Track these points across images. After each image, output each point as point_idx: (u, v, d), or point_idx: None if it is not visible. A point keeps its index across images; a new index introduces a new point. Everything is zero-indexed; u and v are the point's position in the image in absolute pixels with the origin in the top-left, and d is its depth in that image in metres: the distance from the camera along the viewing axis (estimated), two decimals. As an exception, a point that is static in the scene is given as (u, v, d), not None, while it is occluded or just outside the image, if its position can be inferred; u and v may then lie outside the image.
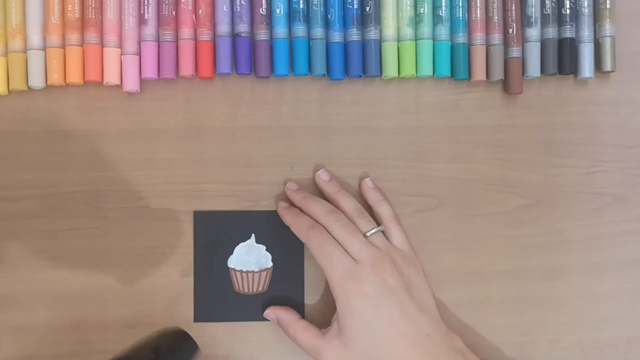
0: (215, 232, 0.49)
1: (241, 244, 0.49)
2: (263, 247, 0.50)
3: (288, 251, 0.50)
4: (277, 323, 0.49)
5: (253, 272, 0.49)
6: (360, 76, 0.51)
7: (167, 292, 0.50)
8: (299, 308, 0.50)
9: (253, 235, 0.49)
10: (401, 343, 0.43)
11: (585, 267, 0.52)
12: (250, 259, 0.49)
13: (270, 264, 0.50)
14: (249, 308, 0.50)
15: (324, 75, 0.50)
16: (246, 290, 0.49)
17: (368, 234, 0.46)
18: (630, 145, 0.52)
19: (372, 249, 0.45)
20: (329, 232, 0.46)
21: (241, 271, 0.49)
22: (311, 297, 0.50)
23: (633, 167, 0.52)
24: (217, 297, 0.49)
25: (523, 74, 0.51)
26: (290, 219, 0.48)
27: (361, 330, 0.44)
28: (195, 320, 0.49)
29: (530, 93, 0.52)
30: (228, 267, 0.49)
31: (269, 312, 0.49)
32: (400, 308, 0.44)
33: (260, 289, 0.50)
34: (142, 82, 0.50)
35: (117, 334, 0.49)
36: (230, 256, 0.49)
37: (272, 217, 0.49)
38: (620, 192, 0.52)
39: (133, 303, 0.49)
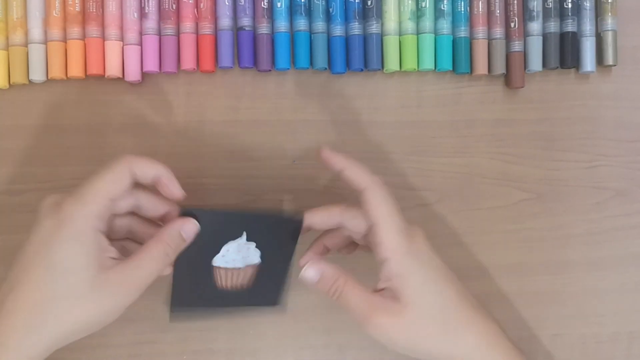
0: (204, 231, 0.43)
1: (230, 242, 0.44)
2: (253, 245, 0.45)
3: (278, 250, 0.45)
4: (318, 280, 0.42)
5: (239, 268, 0.45)
6: (362, 70, 0.51)
7: (168, 286, 0.50)
8: (276, 298, 0.46)
9: (244, 233, 0.44)
10: (464, 303, 0.41)
11: (586, 262, 0.52)
12: (237, 256, 0.44)
13: (258, 261, 0.45)
14: (231, 302, 0.45)
15: (325, 69, 0.50)
16: (229, 286, 0.45)
17: None
18: (632, 139, 0.52)
19: None
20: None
21: (226, 269, 0.44)
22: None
23: (634, 162, 0.52)
24: (198, 295, 0.45)
25: (525, 68, 0.51)
26: (347, 160, 0.42)
27: (422, 290, 0.40)
28: (171, 320, 0.46)
29: (531, 87, 0.52)
30: (212, 266, 0.44)
31: (310, 269, 0.42)
32: (447, 267, 0.42)
33: (244, 284, 0.45)
34: (144, 75, 0.50)
35: (117, 328, 0.49)
36: (217, 255, 0.44)
37: (266, 220, 0.45)
38: (621, 187, 0.52)
39: (134, 297, 0.49)
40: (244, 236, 0.44)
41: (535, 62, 0.51)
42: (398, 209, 0.41)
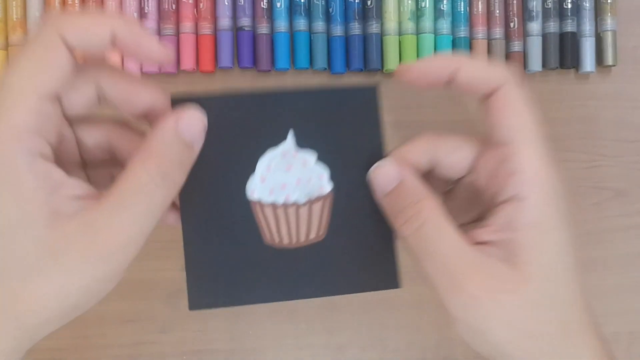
0: (218, 135, 0.26)
1: (270, 153, 0.27)
2: (312, 156, 0.27)
3: (361, 159, 0.27)
4: (394, 189, 0.26)
5: (297, 204, 0.27)
6: (362, 70, 0.51)
7: (167, 286, 0.50)
8: (389, 268, 0.28)
9: (291, 133, 0.27)
10: (585, 299, 0.26)
11: (586, 262, 0.52)
12: (289, 178, 0.27)
13: (329, 187, 0.27)
14: (295, 276, 0.27)
15: (325, 69, 0.50)
16: (286, 241, 0.27)
17: None
18: (631, 139, 0.52)
19: None
20: None
21: (274, 205, 0.27)
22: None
23: (634, 162, 0.52)
24: (231, 261, 0.27)
25: (524, 68, 0.51)
26: (459, 56, 0.28)
27: (560, 260, 0.25)
28: (192, 307, 0.27)
29: (531, 87, 0.52)
30: (249, 201, 0.27)
31: (388, 165, 0.27)
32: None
33: (312, 235, 0.27)
34: (144, 75, 0.50)
35: (116, 328, 0.49)
36: (251, 177, 0.26)
37: (319, 100, 0.27)
38: (621, 187, 0.52)
39: (133, 297, 0.49)
40: (291, 138, 0.27)
41: (535, 62, 0.51)
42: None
